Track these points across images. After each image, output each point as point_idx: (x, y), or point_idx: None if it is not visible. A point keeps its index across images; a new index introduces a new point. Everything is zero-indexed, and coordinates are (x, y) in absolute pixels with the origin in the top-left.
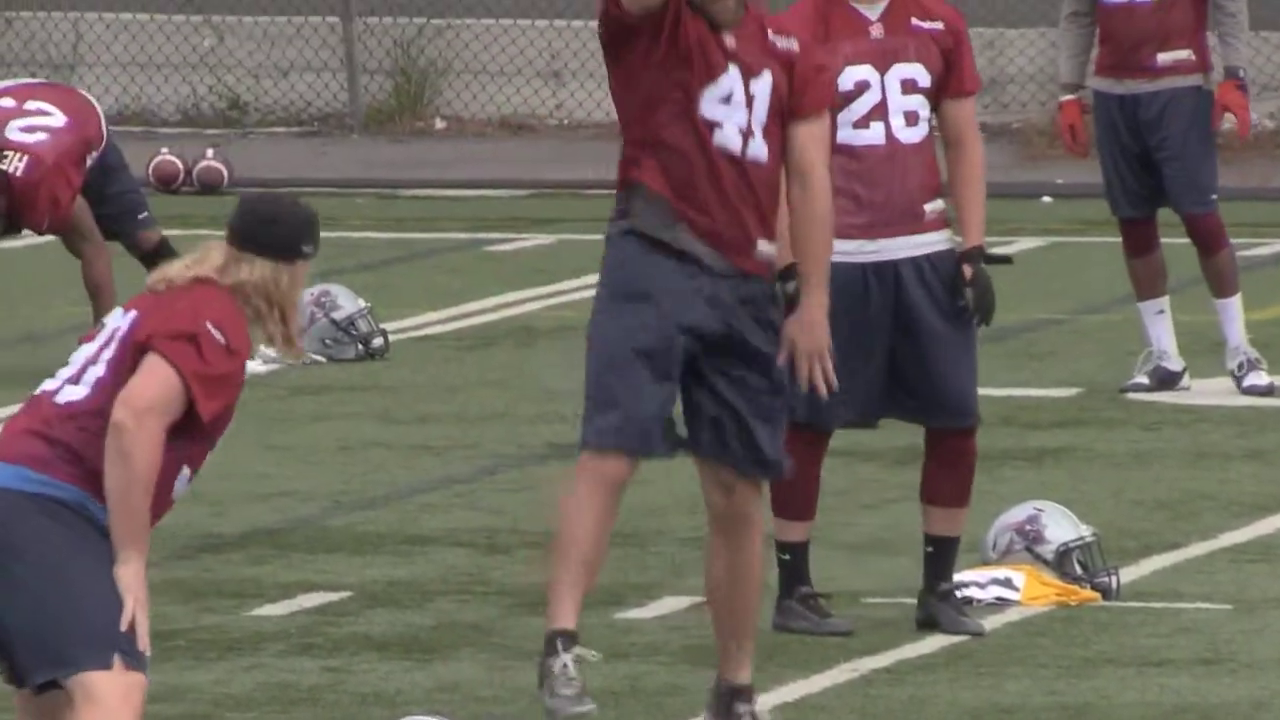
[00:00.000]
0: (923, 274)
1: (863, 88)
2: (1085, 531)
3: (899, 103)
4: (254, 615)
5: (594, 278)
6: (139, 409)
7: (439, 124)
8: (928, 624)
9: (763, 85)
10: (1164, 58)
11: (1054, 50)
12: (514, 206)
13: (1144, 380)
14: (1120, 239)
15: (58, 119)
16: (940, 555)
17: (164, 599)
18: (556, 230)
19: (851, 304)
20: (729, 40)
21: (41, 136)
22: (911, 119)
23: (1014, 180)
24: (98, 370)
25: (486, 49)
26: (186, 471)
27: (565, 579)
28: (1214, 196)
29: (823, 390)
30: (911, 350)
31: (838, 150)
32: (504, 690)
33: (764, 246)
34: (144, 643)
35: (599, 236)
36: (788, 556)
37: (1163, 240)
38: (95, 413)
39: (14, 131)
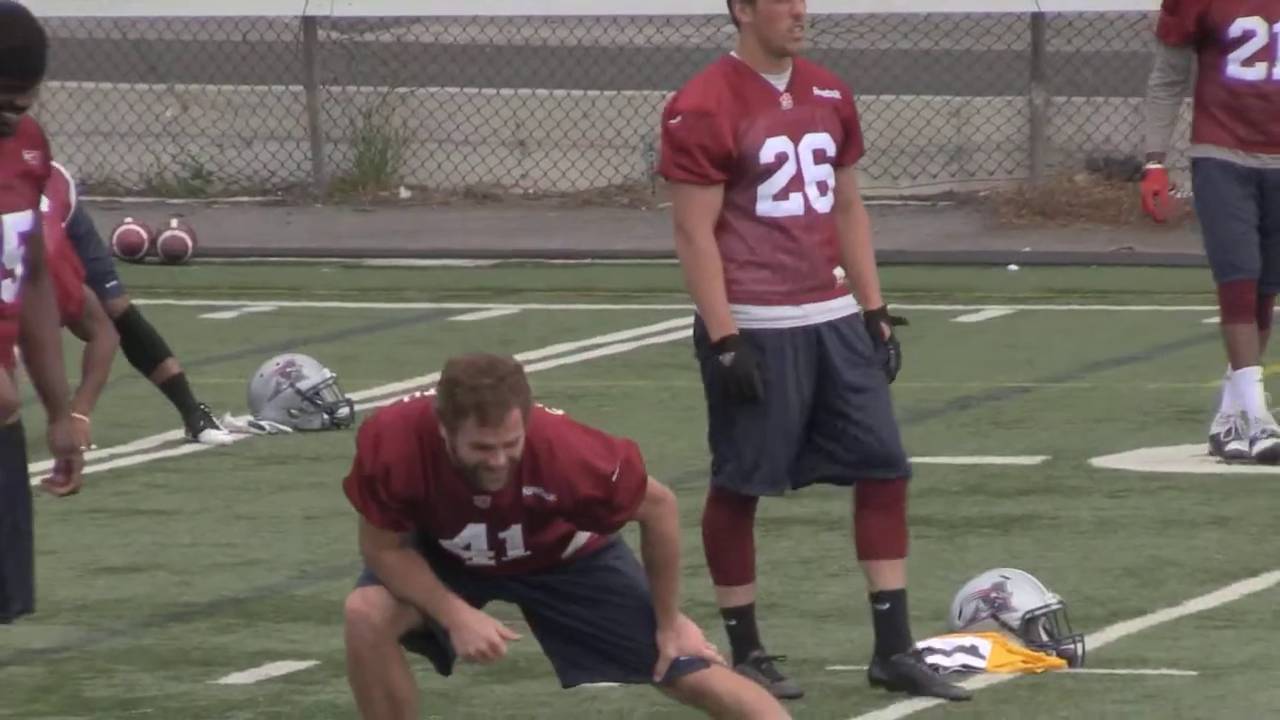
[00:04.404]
0: (841, 336)
1: (782, 159)
2: (1051, 599)
3: (812, 173)
4: (221, 684)
5: (558, 347)
6: None
7: (403, 193)
8: (900, 684)
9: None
10: None
11: (1020, 119)
12: (478, 276)
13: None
14: (1218, 304)
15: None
16: (897, 611)
17: (131, 667)
18: (521, 300)
19: (780, 368)
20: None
21: None
22: (823, 188)
23: (980, 248)
24: None
25: (451, 118)
26: None
27: None
28: None
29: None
30: (839, 409)
31: (759, 221)
32: None
33: None
34: None
35: (563, 306)
36: (734, 622)
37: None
38: None
39: None
